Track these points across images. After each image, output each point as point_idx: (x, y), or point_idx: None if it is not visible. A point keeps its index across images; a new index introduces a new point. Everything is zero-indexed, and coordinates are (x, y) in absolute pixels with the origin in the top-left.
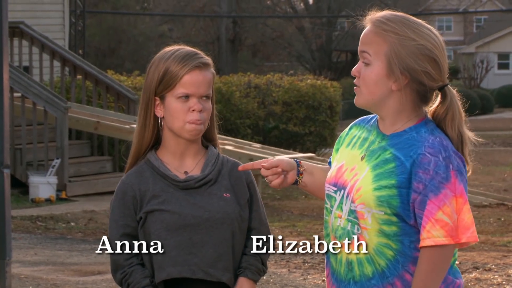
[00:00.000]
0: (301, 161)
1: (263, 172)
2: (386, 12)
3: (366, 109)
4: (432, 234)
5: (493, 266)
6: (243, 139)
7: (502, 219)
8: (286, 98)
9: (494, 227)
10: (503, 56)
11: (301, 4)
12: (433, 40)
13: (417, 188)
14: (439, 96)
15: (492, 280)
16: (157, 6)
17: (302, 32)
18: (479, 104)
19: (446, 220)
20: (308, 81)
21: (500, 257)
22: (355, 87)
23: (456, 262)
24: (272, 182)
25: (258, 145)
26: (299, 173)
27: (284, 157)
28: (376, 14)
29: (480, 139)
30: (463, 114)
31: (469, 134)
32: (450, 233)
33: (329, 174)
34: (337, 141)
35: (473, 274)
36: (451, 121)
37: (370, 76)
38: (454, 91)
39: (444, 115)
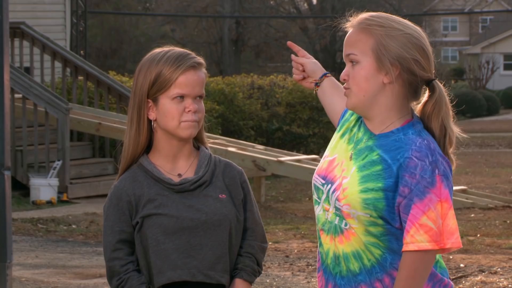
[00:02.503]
0: (329, 75)
1: (293, 58)
2: (365, 13)
3: (357, 111)
4: (416, 239)
5: (499, 269)
6: (246, 141)
7: (508, 221)
8: (290, 99)
9: (500, 230)
10: (509, 57)
11: (305, 5)
12: (418, 30)
13: (403, 192)
14: (427, 91)
15: (498, 283)
16: (159, 7)
17: (305, 32)
18: (485, 105)
19: (431, 225)
20: None
21: (506, 260)
22: (345, 91)
23: (461, 265)
24: (293, 75)
25: (261, 146)
26: (316, 84)
27: (313, 63)
28: (355, 18)
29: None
30: (450, 108)
31: (455, 130)
32: (435, 238)
33: (320, 164)
34: (346, 115)
35: (479, 277)
36: (437, 114)
37: (360, 73)
38: (442, 86)
39: (432, 109)
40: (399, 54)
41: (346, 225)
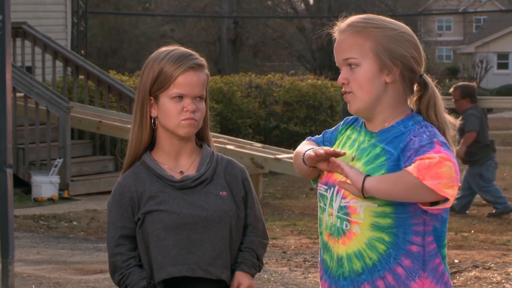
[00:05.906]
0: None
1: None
2: (354, 17)
3: (360, 114)
4: (408, 167)
5: (492, 264)
6: (244, 139)
7: (502, 218)
8: (287, 98)
9: (493, 226)
10: (502, 56)
11: (302, 5)
12: (408, 28)
13: (404, 164)
14: (418, 85)
15: (492, 278)
16: (158, 7)
17: (302, 32)
18: None
19: (425, 160)
20: (309, 81)
21: (500, 255)
22: (346, 95)
23: (456, 261)
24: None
25: (259, 144)
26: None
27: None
28: (343, 22)
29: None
30: (441, 99)
31: (450, 119)
32: (419, 167)
33: (321, 174)
34: (337, 131)
35: (473, 273)
36: (434, 106)
37: (363, 75)
38: (430, 79)
39: (428, 103)
40: (399, 53)
41: (346, 226)
